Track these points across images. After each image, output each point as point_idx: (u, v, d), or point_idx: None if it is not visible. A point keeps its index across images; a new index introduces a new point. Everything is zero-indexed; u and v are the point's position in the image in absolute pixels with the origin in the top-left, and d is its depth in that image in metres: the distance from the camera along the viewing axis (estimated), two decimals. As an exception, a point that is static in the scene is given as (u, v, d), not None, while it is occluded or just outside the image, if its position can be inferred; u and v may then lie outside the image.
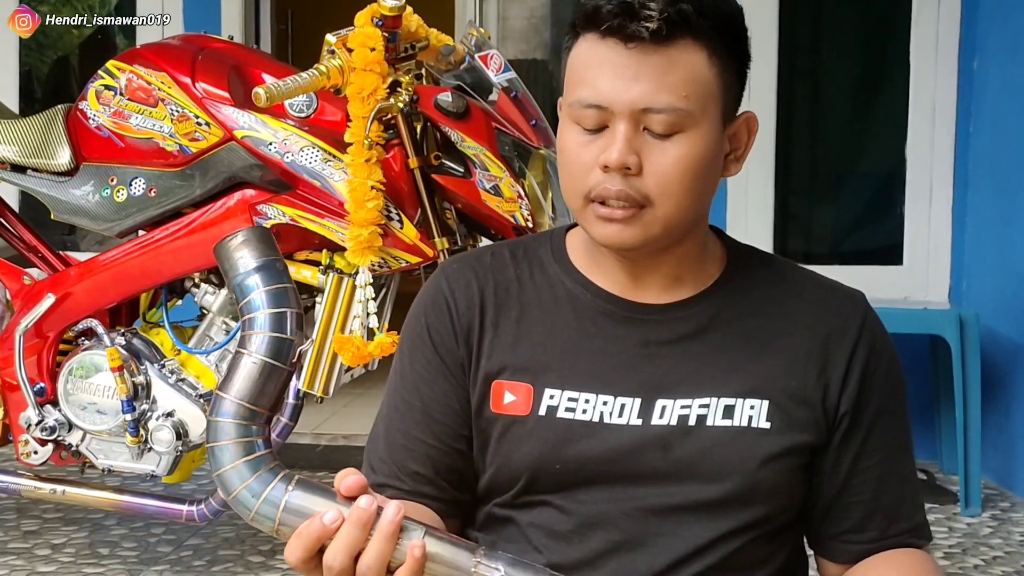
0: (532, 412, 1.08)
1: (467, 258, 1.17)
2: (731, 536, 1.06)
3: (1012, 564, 2.65)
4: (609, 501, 1.06)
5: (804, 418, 1.08)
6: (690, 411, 1.06)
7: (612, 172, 1.02)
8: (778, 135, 3.77)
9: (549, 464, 1.07)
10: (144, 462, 2.33)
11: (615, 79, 1.01)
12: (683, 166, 1.02)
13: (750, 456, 1.06)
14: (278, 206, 2.22)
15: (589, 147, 1.03)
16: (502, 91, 2.26)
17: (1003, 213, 3.34)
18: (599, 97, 1.01)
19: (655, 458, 1.06)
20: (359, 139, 2.07)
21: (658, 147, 1.02)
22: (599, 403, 1.07)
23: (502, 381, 1.09)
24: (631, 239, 1.04)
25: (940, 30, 3.64)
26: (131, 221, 2.36)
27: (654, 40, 0.99)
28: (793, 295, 1.12)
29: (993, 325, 3.29)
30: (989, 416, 3.19)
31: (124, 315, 2.50)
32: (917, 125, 3.69)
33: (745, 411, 1.06)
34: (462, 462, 1.12)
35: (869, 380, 1.10)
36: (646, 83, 1.00)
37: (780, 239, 3.82)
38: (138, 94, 2.32)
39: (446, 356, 1.12)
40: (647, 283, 1.11)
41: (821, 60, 4.05)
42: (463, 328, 1.11)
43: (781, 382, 1.08)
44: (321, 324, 2.21)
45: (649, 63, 1.00)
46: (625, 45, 1.00)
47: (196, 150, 2.27)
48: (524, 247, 1.17)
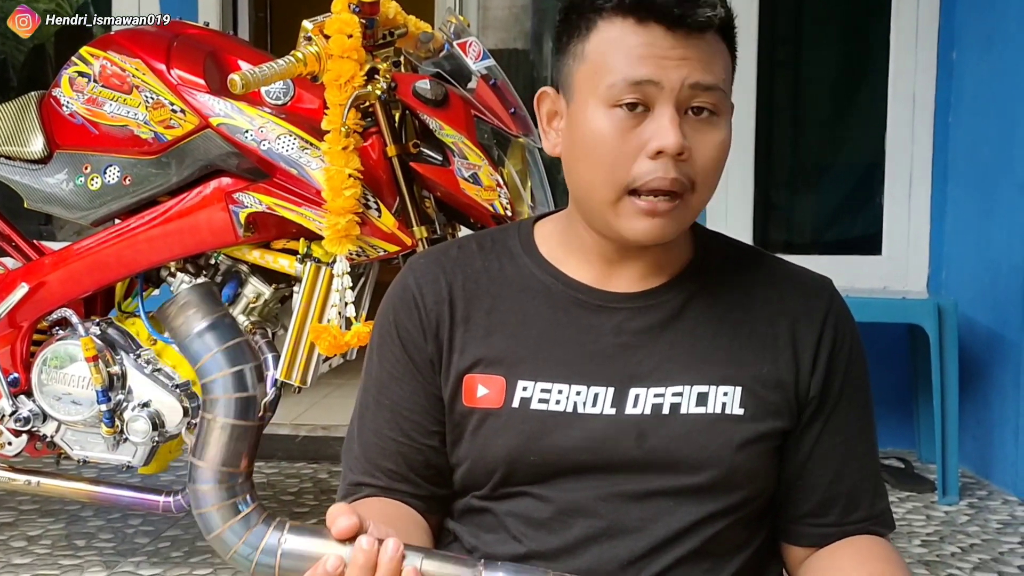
0: (505, 404, 1.08)
1: (434, 253, 1.16)
2: (709, 521, 1.07)
3: (989, 551, 2.66)
4: (587, 489, 1.06)
5: (777, 403, 1.08)
6: (663, 399, 1.07)
7: (665, 159, 1.01)
8: (759, 126, 3.78)
9: (524, 456, 1.07)
10: (120, 453, 2.31)
11: (664, 59, 1.01)
12: (723, 150, 1.05)
13: (725, 443, 1.06)
14: (255, 194, 2.20)
15: (631, 134, 1.01)
16: (481, 79, 2.24)
17: (981, 203, 3.36)
18: (651, 73, 1.00)
19: (630, 447, 1.06)
20: (336, 127, 2.05)
21: (702, 131, 1.02)
22: (572, 393, 1.07)
23: (475, 375, 1.09)
24: (670, 232, 1.05)
25: (919, 22, 3.65)
26: (106, 210, 2.33)
27: (698, 29, 1.01)
28: (761, 281, 1.13)
29: (971, 314, 3.30)
30: (967, 405, 3.21)
31: (99, 304, 2.48)
32: (897, 116, 3.70)
33: (719, 398, 1.07)
34: (436, 458, 1.12)
35: (833, 363, 1.11)
36: (695, 63, 1.01)
37: (761, 229, 3.83)
38: (112, 81, 2.29)
39: (415, 353, 1.11)
40: (620, 273, 1.11)
41: (801, 51, 4.06)
42: (431, 324, 1.11)
43: (753, 368, 1.08)
44: (298, 313, 2.20)
45: (694, 47, 1.01)
46: (670, 30, 1.01)
47: (171, 138, 2.25)
48: (492, 239, 1.16)
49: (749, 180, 3.78)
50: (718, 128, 1.03)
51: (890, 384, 3.39)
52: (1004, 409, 3.13)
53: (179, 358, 2.33)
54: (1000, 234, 3.20)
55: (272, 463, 3.29)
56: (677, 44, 1.00)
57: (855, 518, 1.12)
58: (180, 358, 2.33)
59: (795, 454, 1.11)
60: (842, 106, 4.01)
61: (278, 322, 2.42)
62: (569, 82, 1.06)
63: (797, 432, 1.10)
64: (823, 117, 4.08)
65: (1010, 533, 2.80)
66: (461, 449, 1.10)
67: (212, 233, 2.24)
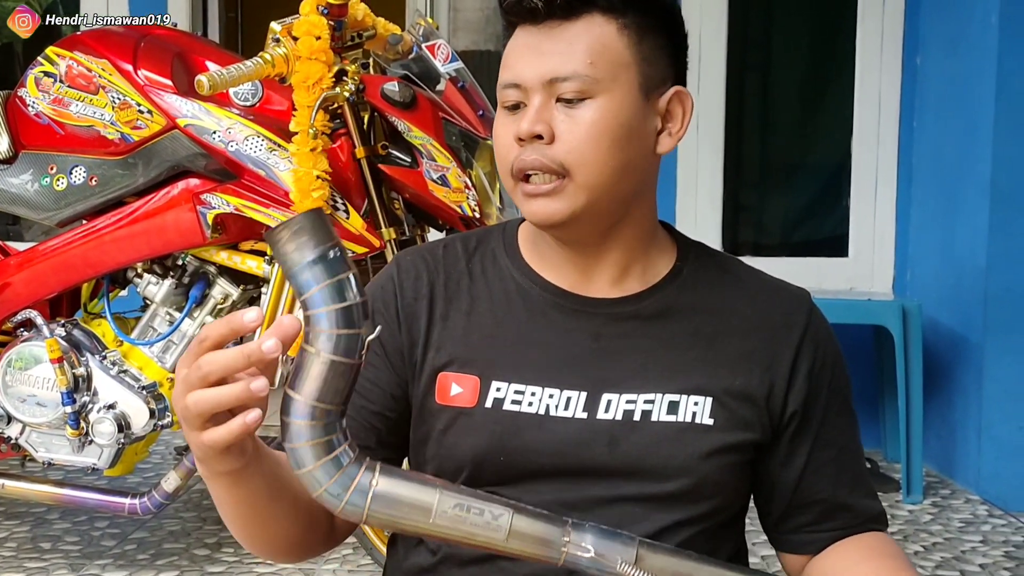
0: (478, 404, 1.08)
1: (421, 250, 1.18)
2: (675, 530, 1.07)
3: (951, 550, 2.70)
4: (553, 493, 1.07)
5: (748, 416, 1.09)
6: (635, 406, 1.07)
7: (526, 144, 1.04)
8: (727, 128, 3.81)
9: (494, 456, 1.07)
10: (85, 455, 2.29)
11: (527, 57, 1.05)
12: (596, 131, 1.04)
13: (693, 452, 1.06)
14: (222, 195, 2.19)
15: (510, 125, 1.06)
16: (449, 81, 2.25)
17: (945, 206, 3.40)
18: (514, 76, 1.06)
19: (601, 452, 1.06)
20: (304, 128, 2.05)
21: (569, 115, 1.04)
22: (545, 396, 1.07)
23: (449, 373, 1.09)
24: (557, 213, 1.05)
25: (885, 27, 3.69)
26: (71, 210, 2.32)
27: (560, 16, 1.04)
28: (740, 293, 1.13)
29: (935, 316, 3.35)
30: (931, 405, 3.25)
31: (65, 306, 2.46)
32: (863, 119, 3.74)
33: (689, 407, 1.07)
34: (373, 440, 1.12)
35: (816, 378, 1.11)
36: (553, 55, 1.04)
37: (729, 230, 3.86)
38: (79, 81, 2.28)
39: (387, 342, 1.12)
40: (595, 276, 1.11)
41: (769, 54, 4.09)
42: (407, 317, 1.12)
43: (726, 380, 1.08)
44: (267, 315, 2.19)
45: (554, 37, 1.04)
46: (535, 25, 1.05)
47: (138, 138, 2.24)
48: (477, 239, 1.17)
49: (718, 182, 3.81)
50: (587, 109, 1.03)
51: (856, 385, 3.40)
52: (967, 409, 3.18)
53: (146, 359, 2.32)
54: (963, 237, 3.24)
55: (241, 465, 3.28)
56: (541, 39, 1.04)
57: (854, 521, 1.13)
58: (147, 359, 2.32)
59: (788, 472, 1.12)
60: (809, 109, 4.05)
61: (246, 324, 2.41)
62: None
63: (783, 448, 1.11)
64: (791, 120, 4.12)
65: (972, 532, 2.83)
66: (429, 448, 1.11)
67: (179, 234, 2.23)
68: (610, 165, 1.04)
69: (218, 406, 0.88)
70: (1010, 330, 3.04)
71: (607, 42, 1.04)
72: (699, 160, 3.78)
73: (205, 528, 2.73)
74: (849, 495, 1.13)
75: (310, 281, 0.87)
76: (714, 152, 3.78)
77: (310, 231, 0.87)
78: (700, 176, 3.78)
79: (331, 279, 0.87)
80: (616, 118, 1.04)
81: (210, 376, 0.88)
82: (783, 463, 1.12)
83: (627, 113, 1.05)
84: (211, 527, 2.72)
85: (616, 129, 1.04)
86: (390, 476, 0.92)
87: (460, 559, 1.09)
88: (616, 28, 1.04)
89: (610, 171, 1.04)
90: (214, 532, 2.68)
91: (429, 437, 1.10)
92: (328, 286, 0.87)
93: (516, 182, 1.07)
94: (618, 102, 1.04)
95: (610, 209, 1.07)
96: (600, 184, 1.04)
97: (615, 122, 1.04)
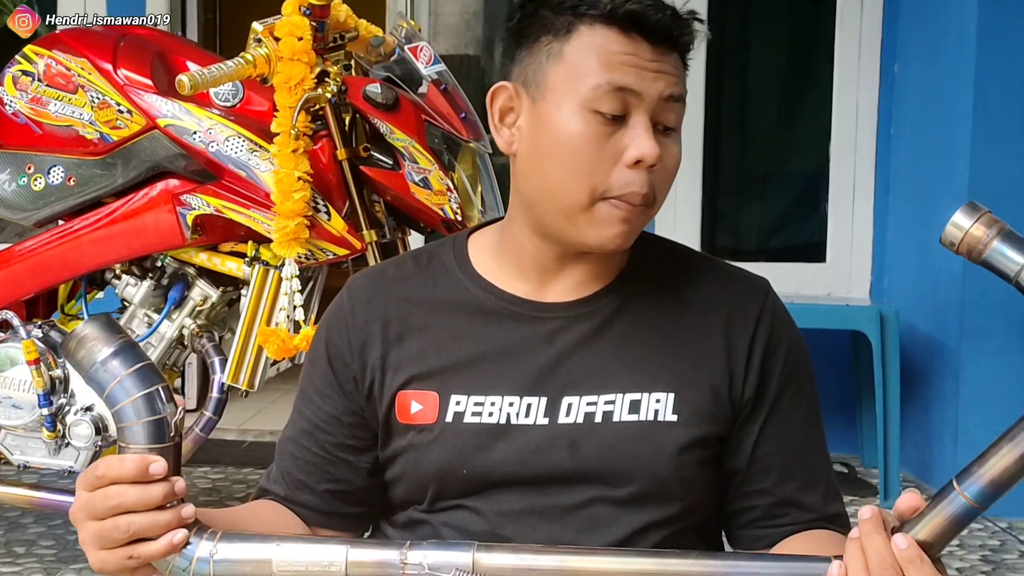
0: (439, 420, 1.07)
1: (372, 273, 1.17)
2: (646, 532, 1.06)
3: (928, 554, 2.71)
4: (520, 502, 1.06)
5: (711, 410, 1.07)
6: (596, 408, 1.06)
7: (642, 169, 1.02)
8: (706, 135, 3.83)
9: (456, 470, 1.06)
10: (61, 458, 2.27)
11: (644, 71, 1.01)
12: (675, 165, 1.06)
13: (658, 450, 1.04)
14: (202, 196, 2.18)
15: (609, 140, 1.01)
16: (432, 83, 2.25)
17: (922, 213, 3.43)
18: (632, 82, 1.01)
19: (563, 457, 1.05)
20: (286, 129, 2.05)
21: (665, 144, 1.04)
22: (505, 405, 1.06)
23: (408, 391, 1.09)
24: (631, 240, 1.06)
25: (863, 35, 3.72)
26: (49, 211, 2.30)
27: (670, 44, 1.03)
28: (696, 285, 1.12)
29: (912, 321, 3.37)
30: (908, 411, 3.28)
31: (42, 307, 2.44)
32: (841, 127, 3.77)
33: (651, 405, 1.05)
34: (349, 473, 1.13)
35: (767, 365, 1.09)
36: (669, 76, 1.03)
37: (708, 236, 3.87)
38: (57, 80, 2.26)
39: (340, 371, 1.12)
40: (555, 283, 1.10)
41: (748, 62, 4.11)
42: (358, 343, 1.11)
43: (687, 374, 1.07)
44: (246, 317, 2.18)
45: (668, 61, 1.03)
46: (651, 44, 1.02)
47: (117, 138, 2.23)
48: (429, 255, 1.16)
49: (697, 188, 3.82)
50: (676, 141, 1.05)
51: (834, 390, 3.45)
52: (943, 414, 3.20)
53: (123, 361, 2.30)
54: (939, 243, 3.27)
55: (218, 468, 3.26)
56: (656, 57, 1.02)
57: (805, 519, 1.10)
58: (125, 361, 2.30)
59: (736, 459, 1.09)
60: (788, 117, 4.07)
61: (225, 325, 2.40)
62: (539, 79, 1.03)
63: (733, 435, 1.09)
64: (769, 127, 4.14)
65: (948, 536, 2.85)
66: (396, 467, 1.10)
67: (158, 235, 2.22)
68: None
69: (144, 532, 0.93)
70: (986, 336, 3.06)
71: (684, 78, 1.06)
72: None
73: (182, 532, 2.70)
74: (799, 491, 1.09)
75: (107, 376, 0.92)
76: (693, 159, 3.80)
77: (97, 334, 0.92)
78: (679, 182, 3.74)
79: (129, 369, 0.92)
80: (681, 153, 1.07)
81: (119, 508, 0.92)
82: (732, 451, 1.09)
83: None
84: (188, 531, 2.70)
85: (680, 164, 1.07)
86: (230, 541, 0.96)
87: None
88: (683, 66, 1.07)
89: None
90: (191, 536, 2.66)
91: (396, 457, 1.10)
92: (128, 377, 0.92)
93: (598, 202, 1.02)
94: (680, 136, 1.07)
95: None
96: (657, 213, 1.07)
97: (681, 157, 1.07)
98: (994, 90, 3.03)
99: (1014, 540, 2.83)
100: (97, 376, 0.92)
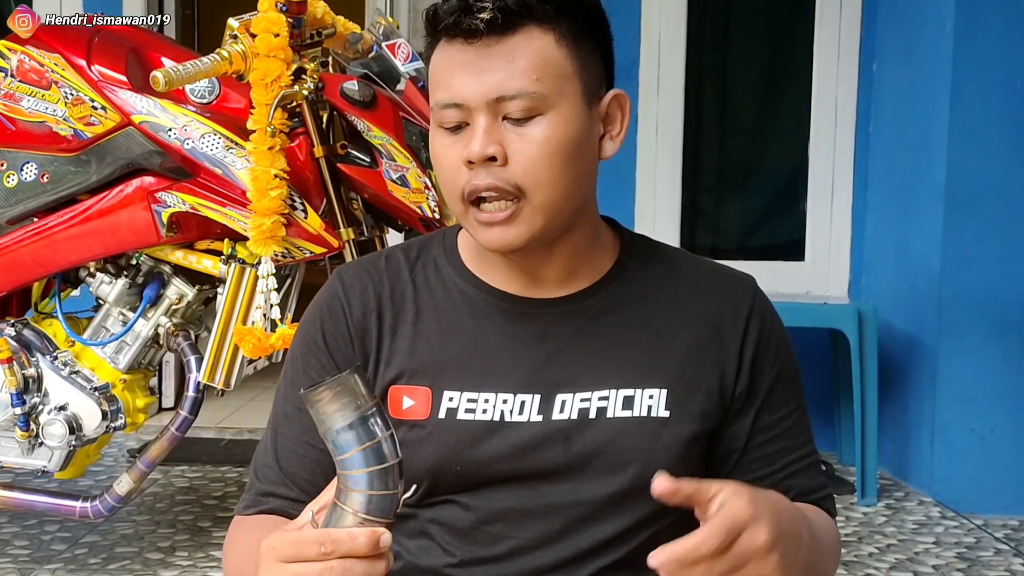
0: (432, 416, 1.07)
1: (363, 263, 1.16)
2: (637, 529, 1.06)
3: (905, 552, 2.73)
4: (512, 499, 1.06)
5: (702, 406, 1.08)
6: (590, 404, 1.06)
7: (477, 167, 1.01)
8: (686, 133, 3.83)
9: (450, 467, 1.06)
10: (35, 457, 2.25)
11: (465, 76, 1.01)
12: (549, 149, 1.01)
13: (651, 446, 1.05)
14: (178, 194, 2.16)
15: (455, 147, 1.03)
16: (409, 80, 2.24)
17: (900, 211, 3.44)
18: (454, 95, 1.01)
19: (557, 453, 1.05)
20: (262, 126, 2.03)
21: (519, 134, 1.01)
22: (499, 402, 1.06)
23: (400, 386, 1.08)
24: (516, 239, 1.03)
25: (842, 34, 3.74)
26: (22, 208, 2.28)
27: (495, 32, 1.00)
28: (684, 283, 1.13)
29: (890, 320, 3.38)
30: (886, 409, 3.29)
31: (15, 305, 2.42)
32: (820, 125, 3.78)
33: (644, 401, 1.06)
34: None
35: (759, 362, 1.11)
36: (495, 73, 1.00)
37: (687, 234, 3.88)
38: (30, 76, 2.24)
39: (341, 361, 1.11)
40: (542, 279, 1.10)
41: (728, 60, 4.12)
42: (358, 332, 1.11)
43: (677, 371, 1.08)
44: (222, 315, 2.17)
45: (493, 54, 1.00)
46: (468, 42, 1.00)
47: (92, 135, 2.21)
48: (419, 248, 1.16)
49: (676, 186, 3.82)
50: (538, 127, 1.00)
51: (812, 388, 3.44)
52: (921, 412, 3.21)
53: (98, 360, 2.28)
54: (917, 241, 3.29)
55: (196, 467, 3.23)
56: (478, 56, 1.00)
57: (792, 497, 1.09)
58: (99, 360, 2.28)
59: (728, 453, 1.11)
60: (767, 114, 4.08)
61: (201, 324, 2.38)
62: None
63: (726, 431, 1.10)
64: (749, 125, 4.15)
65: (925, 534, 2.87)
66: None
67: (133, 233, 2.20)
68: (563, 182, 1.02)
69: None
70: (963, 334, 3.08)
71: (548, 55, 1.01)
72: (658, 164, 3.79)
73: (158, 531, 2.68)
74: (787, 479, 1.11)
75: (348, 443, 0.87)
76: (672, 156, 3.80)
77: (347, 393, 0.87)
78: (659, 180, 3.80)
79: (370, 442, 0.87)
80: (566, 132, 1.02)
81: None
82: (725, 445, 1.11)
83: (576, 125, 1.03)
84: (164, 530, 2.68)
85: (567, 144, 1.02)
86: None
87: None
88: (554, 39, 1.01)
89: (563, 187, 1.03)
90: (167, 535, 2.64)
91: None
92: (366, 449, 0.87)
93: (467, 207, 1.03)
94: (566, 116, 1.02)
95: (561, 222, 1.05)
96: (555, 202, 1.03)
97: (566, 137, 1.02)
98: (971, 88, 3.05)
99: (989, 537, 2.84)
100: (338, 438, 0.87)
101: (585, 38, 1.04)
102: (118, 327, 2.30)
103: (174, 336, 2.27)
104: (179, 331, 2.28)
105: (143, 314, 2.27)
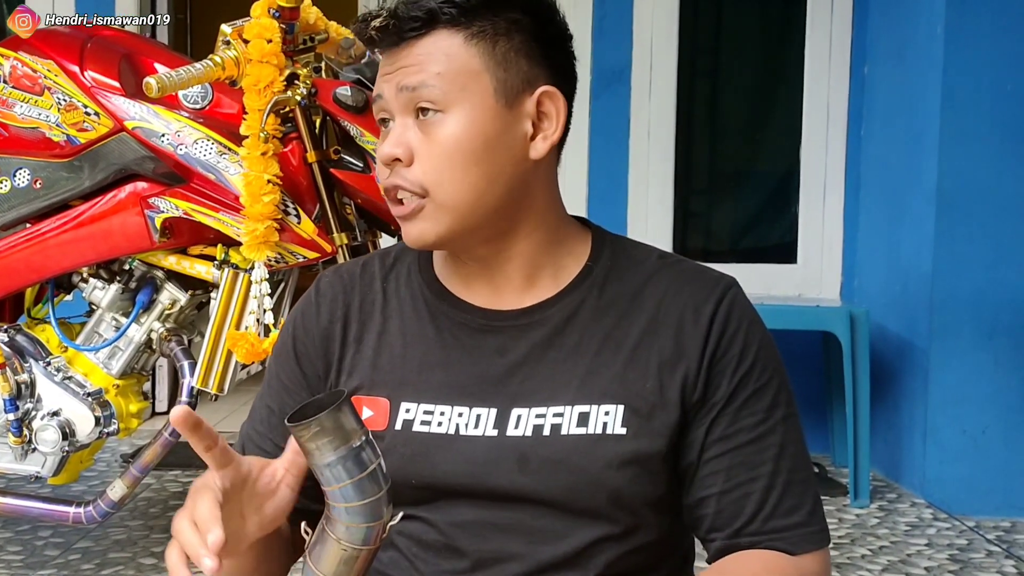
0: (389, 427, 1.06)
1: (341, 270, 1.16)
2: (599, 546, 1.03)
3: (897, 553, 2.74)
4: (470, 513, 1.04)
5: (663, 420, 1.03)
6: (545, 420, 1.03)
7: (390, 166, 1.04)
8: (678, 136, 3.84)
9: (406, 479, 1.04)
10: (28, 463, 2.25)
11: (383, 77, 1.05)
12: (450, 148, 1.01)
13: (606, 464, 1.01)
14: (171, 199, 2.16)
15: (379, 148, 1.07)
16: (402, 86, 2.24)
17: (892, 213, 3.46)
18: (377, 94, 1.06)
19: (511, 469, 1.03)
20: (255, 132, 2.03)
21: (424, 134, 1.03)
22: (455, 415, 1.05)
23: (360, 397, 1.08)
24: (425, 234, 1.04)
25: (833, 36, 3.75)
26: (15, 213, 2.28)
27: (408, 39, 1.03)
28: (653, 289, 1.08)
29: (882, 322, 3.40)
30: (878, 410, 3.30)
31: (8, 311, 2.41)
32: (811, 127, 3.79)
33: (600, 417, 1.02)
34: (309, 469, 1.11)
35: (718, 365, 1.04)
36: (403, 70, 1.03)
37: (680, 237, 3.89)
38: (23, 82, 2.24)
39: (306, 367, 1.12)
40: (503, 288, 1.09)
41: (719, 63, 4.13)
42: (323, 340, 1.12)
43: (637, 385, 1.04)
44: (215, 320, 2.17)
45: (407, 55, 1.03)
46: (389, 50, 1.05)
47: (85, 140, 2.21)
48: (395, 256, 1.16)
49: (669, 189, 3.83)
50: (439, 126, 1.02)
51: (804, 390, 3.47)
52: (913, 414, 3.23)
53: (91, 365, 2.28)
54: (909, 244, 3.30)
55: (190, 471, 3.23)
56: (396, 59, 1.04)
57: (749, 531, 1.04)
58: (92, 365, 2.28)
59: (684, 465, 1.05)
60: (759, 117, 4.09)
61: (195, 329, 2.38)
62: None
63: (683, 441, 1.04)
64: (741, 127, 4.17)
65: (917, 535, 2.88)
66: None
67: (126, 238, 2.20)
68: (468, 181, 1.02)
69: None
70: (955, 335, 3.09)
71: (453, 53, 1.01)
72: (650, 167, 3.80)
73: (152, 537, 2.68)
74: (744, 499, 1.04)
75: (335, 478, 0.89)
76: (664, 159, 3.81)
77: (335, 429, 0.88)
78: (651, 183, 3.81)
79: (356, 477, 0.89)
80: (470, 131, 1.01)
81: None
82: (681, 457, 1.05)
83: (483, 124, 1.02)
84: (158, 535, 2.68)
85: (471, 142, 1.01)
86: None
87: None
88: (463, 39, 1.02)
89: (469, 187, 1.02)
90: (161, 541, 2.64)
91: None
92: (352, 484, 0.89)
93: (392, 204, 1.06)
94: (471, 114, 1.01)
95: (485, 223, 1.04)
96: (462, 201, 1.02)
97: (468, 135, 1.01)
98: (962, 90, 3.06)
99: (981, 539, 2.86)
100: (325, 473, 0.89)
101: (507, 36, 1.03)
102: (111, 332, 2.30)
103: (167, 341, 2.27)
104: (172, 336, 2.28)
105: (136, 319, 2.26)
